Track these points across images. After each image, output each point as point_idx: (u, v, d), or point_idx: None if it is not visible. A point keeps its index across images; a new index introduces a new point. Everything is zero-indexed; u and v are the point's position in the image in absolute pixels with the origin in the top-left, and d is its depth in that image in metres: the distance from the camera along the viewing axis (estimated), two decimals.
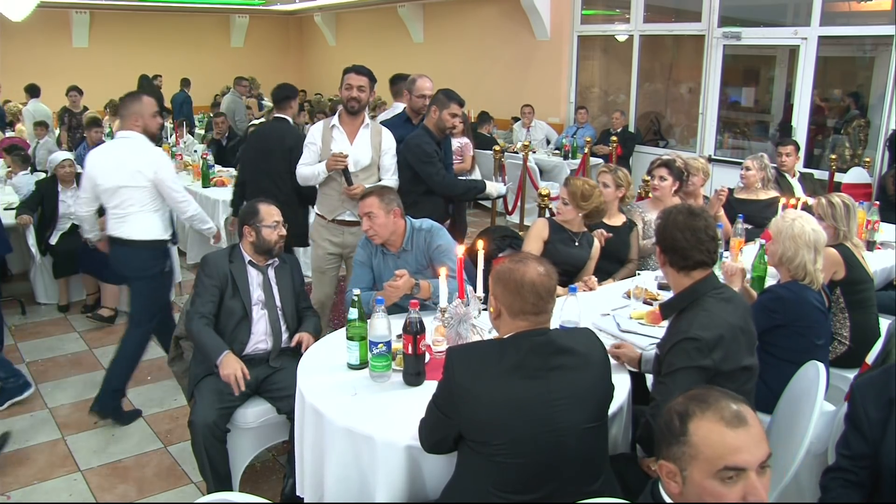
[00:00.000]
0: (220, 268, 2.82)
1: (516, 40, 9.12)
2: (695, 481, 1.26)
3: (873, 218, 4.06)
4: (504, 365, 1.74)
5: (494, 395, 1.71)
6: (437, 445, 1.86)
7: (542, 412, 1.71)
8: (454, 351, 1.84)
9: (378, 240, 2.89)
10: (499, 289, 1.83)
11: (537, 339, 1.77)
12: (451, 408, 1.76)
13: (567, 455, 1.73)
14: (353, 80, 3.52)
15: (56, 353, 4.33)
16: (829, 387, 2.16)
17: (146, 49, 12.41)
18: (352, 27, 12.87)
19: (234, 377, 2.58)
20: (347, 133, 3.58)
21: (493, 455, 1.71)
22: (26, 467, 3.13)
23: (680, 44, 8.30)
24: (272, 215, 2.85)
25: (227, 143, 7.24)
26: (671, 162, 3.80)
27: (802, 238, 2.56)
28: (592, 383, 1.80)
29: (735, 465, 1.23)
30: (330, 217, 3.64)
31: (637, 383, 2.44)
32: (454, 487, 1.84)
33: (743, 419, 1.25)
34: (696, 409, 1.28)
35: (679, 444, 1.27)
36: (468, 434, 1.74)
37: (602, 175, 3.64)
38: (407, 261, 2.93)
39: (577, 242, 3.36)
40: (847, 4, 6.81)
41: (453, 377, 1.75)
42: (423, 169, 3.64)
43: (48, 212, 4.88)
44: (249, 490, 2.91)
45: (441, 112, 3.69)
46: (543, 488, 1.73)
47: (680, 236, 2.10)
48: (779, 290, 2.59)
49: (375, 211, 2.83)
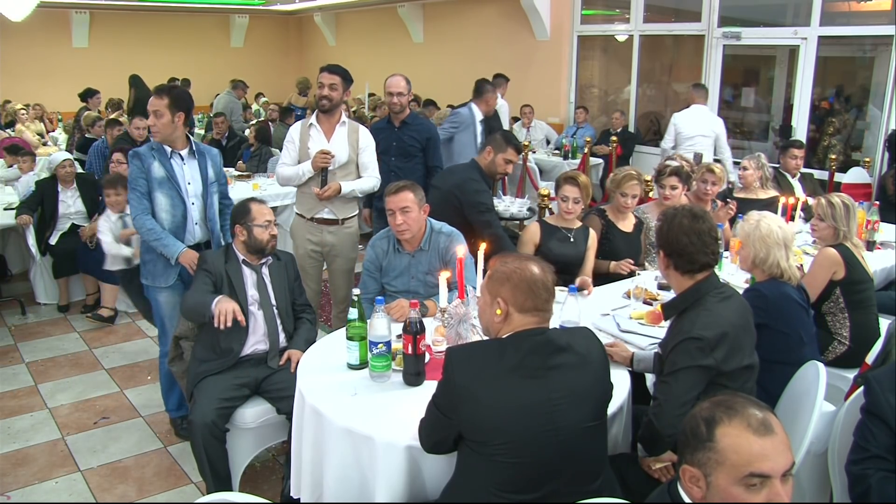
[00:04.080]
0: (216, 265, 2.82)
1: (516, 40, 9.11)
2: (719, 487, 1.28)
3: (873, 218, 4.06)
4: (504, 365, 1.73)
5: (495, 396, 1.70)
6: (437, 446, 1.85)
7: (542, 412, 1.71)
8: (454, 351, 1.83)
9: (408, 234, 2.85)
10: (506, 289, 1.78)
11: (537, 339, 1.76)
12: (451, 408, 1.75)
13: (567, 454, 1.73)
14: (325, 78, 3.50)
15: (56, 353, 4.33)
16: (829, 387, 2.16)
17: (146, 49, 12.40)
18: (352, 27, 12.86)
19: (232, 311, 2.61)
20: (324, 131, 3.57)
21: (494, 455, 1.70)
22: (26, 467, 3.13)
23: (680, 44, 8.30)
24: (264, 214, 2.83)
25: (226, 143, 7.24)
26: (680, 170, 3.78)
27: (771, 237, 2.55)
28: (592, 382, 1.80)
29: (761, 472, 1.24)
30: (309, 216, 3.62)
31: (637, 383, 2.44)
32: (454, 487, 1.84)
33: (769, 427, 1.27)
34: (723, 416, 1.29)
35: (705, 449, 1.29)
36: (468, 434, 1.74)
37: (633, 188, 3.53)
38: (420, 261, 2.92)
39: (572, 238, 3.36)
40: (847, 4, 6.81)
41: (453, 377, 1.74)
42: (479, 219, 3.51)
43: (48, 212, 4.87)
44: (249, 490, 2.91)
45: (496, 155, 3.60)
46: (543, 488, 1.72)
47: (686, 241, 2.10)
48: (760, 288, 2.57)
49: (411, 205, 2.79)
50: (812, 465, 2.18)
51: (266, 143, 7.24)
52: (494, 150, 3.60)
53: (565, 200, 3.34)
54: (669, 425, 1.95)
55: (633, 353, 2.44)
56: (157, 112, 3.08)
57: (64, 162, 4.95)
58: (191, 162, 3.20)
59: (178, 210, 3.16)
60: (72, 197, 4.96)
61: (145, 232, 3.11)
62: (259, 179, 6.19)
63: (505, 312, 1.79)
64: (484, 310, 1.86)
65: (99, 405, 3.69)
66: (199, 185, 3.21)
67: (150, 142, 3.22)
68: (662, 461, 2.06)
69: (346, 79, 3.55)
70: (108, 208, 4.20)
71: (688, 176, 3.83)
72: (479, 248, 2.59)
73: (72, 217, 4.94)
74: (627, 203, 3.57)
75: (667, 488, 1.42)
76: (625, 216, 3.62)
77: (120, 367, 4.12)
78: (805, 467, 2.12)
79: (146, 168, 3.11)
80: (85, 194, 4.99)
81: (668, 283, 2.28)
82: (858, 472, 1.82)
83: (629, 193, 3.54)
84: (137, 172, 3.12)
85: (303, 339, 2.87)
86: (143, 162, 3.11)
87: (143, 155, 3.12)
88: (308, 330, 2.94)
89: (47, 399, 3.75)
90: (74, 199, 4.97)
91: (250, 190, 5.65)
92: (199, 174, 3.21)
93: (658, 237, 2.22)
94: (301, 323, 2.95)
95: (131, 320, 4.84)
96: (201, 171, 3.22)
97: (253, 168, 6.72)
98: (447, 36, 10.42)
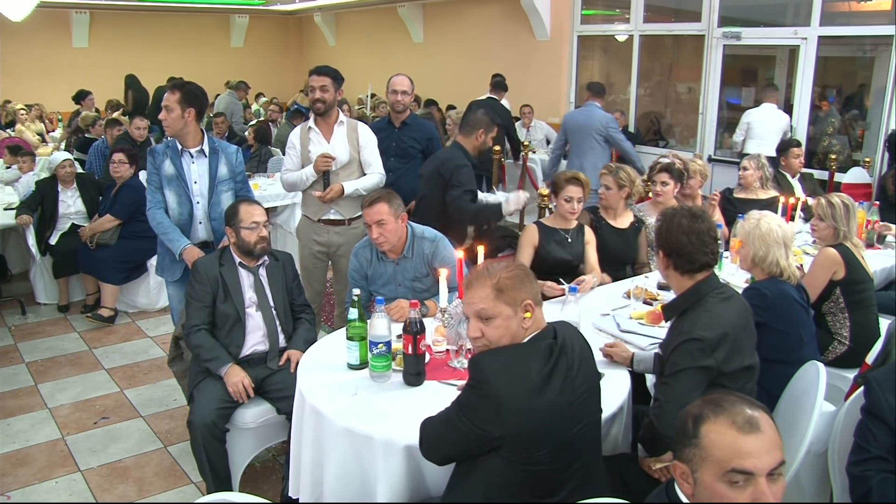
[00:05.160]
0: (209, 272, 2.79)
1: (516, 40, 9.11)
2: (705, 483, 1.29)
3: (873, 218, 4.06)
4: (547, 370, 1.67)
5: (541, 404, 1.62)
6: (450, 459, 1.78)
7: (574, 413, 1.69)
8: (486, 360, 1.69)
9: (387, 246, 2.82)
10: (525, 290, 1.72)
11: (557, 338, 1.74)
12: (492, 422, 1.63)
13: (586, 449, 1.74)
14: (315, 81, 3.51)
15: (56, 353, 4.33)
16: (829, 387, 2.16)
17: (146, 49, 12.40)
18: (352, 27, 12.87)
19: (241, 387, 2.62)
20: (323, 133, 3.56)
21: (530, 463, 1.64)
22: (26, 467, 3.13)
23: (680, 44, 8.30)
24: (251, 216, 2.78)
25: None
26: (671, 166, 3.79)
27: (770, 236, 2.56)
28: (594, 373, 1.82)
29: (743, 468, 1.24)
30: (315, 217, 3.61)
31: (637, 383, 2.44)
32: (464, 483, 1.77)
33: (755, 425, 1.27)
34: (709, 413, 1.31)
35: (691, 445, 1.31)
36: (511, 447, 1.64)
37: (602, 177, 3.61)
38: (405, 268, 2.90)
39: (569, 239, 3.34)
40: (847, 4, 6.80)
41: (496, 390, 1.62)
42: (451, 193, 3.58)
43: (48, 212, 4.87)
44: (249, 490, 2.91)
45: (486, 136, 3.74)
46: (568, 486, 1.71)
47: (685, 240, 2.10)
48: (760, 287, 2.57)
49: (386, 218, 2.75)
50: (812, 465, 2.18)
51: (265, 144, 7.24)
52: (486, 132, 3.72)
53: (569, 201, 3.28)
54: (670, 426, 1.95)
55: (634, 353, 2.44)
56: (168, 107, 3.13)
57: (64, 162, 4.95)
58: (200, 160, 3.24)
59: (184, 208, 3.24)
60: (72, 197, 4.96)
61: (155, 225, 3.23)
62: (259, 179, 6.19)
63: (533, 312, 1.74)
64: (506, 325, 1.72)
65: (99, 405, 3.69)
66: (206, 185, 3.24)
67: (167, 139, 3.30)
68: (663, 461, 2.06)
69: (336, 78, 3.54)
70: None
71: (680, 173, 3.83)
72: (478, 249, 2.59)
73: (72, 217, 4.94)
74: (600, 193, 3.61)
75: (665, 488, 1.43)
76: (617, 212, 3.61)
77: (120, 367, 4.12)
78: (805, 467, 2.12)
79: (158, 165, 3.21)
80: (85, 194, 4.99)
81: (668, 283, 2.28)
82: (859, 474, 1.82)
83: (602, 184, 3.58)
84: (151, 168, 3.23)
85: (302, 339, 2.86)
86: (156, 159, 3.22)
87: (157, 152, 3.24)
88: (307, 330, 2.92)
89: (47, 399, 3.75)
90: (74, 199, 4.97)
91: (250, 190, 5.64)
92: (208, 172, 3.24)
93: (657, 237, 2.22)
94: (300, 323, 2.94)
95: (131, 320, 4.84)
96: (210, 169, 3.24)
97: (253, 168, 6.72)
98: (447, 36, 10.42)
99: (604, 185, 3.56)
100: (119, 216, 4.70)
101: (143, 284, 4.92)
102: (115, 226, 4.73)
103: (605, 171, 3.64)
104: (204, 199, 3.25)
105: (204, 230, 3.27)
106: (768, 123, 6.32)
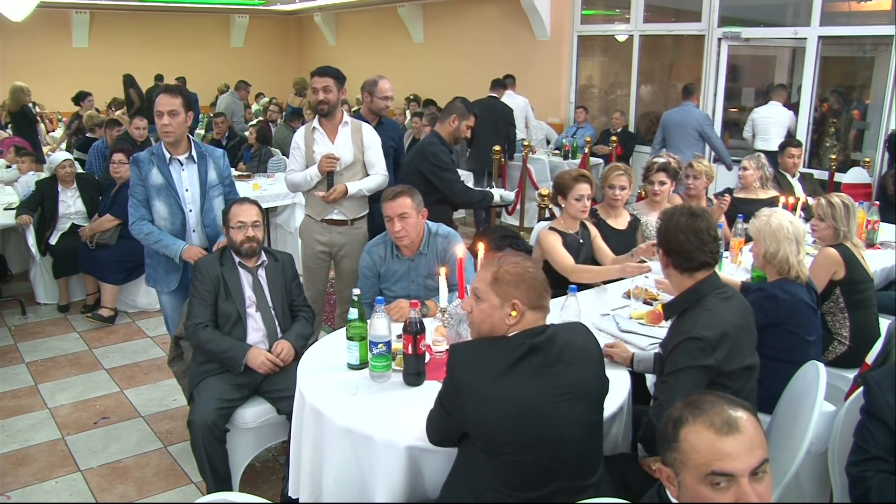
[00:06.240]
0: (210, 271, 2.79)
1: (516, 40, 9.11)
2: (688, 486, 1.29)
3: (873, 218, 4.06)
4: (509, 363, 1.72)
5: (501, 394, 1.70)
6: (443, 441, 1.87)
7: (548, 409, 1.70)
8: (457, 349, 1.82)
9: (407, 241, 2.82)
10: (521, 290, 1.76)
11: (540, 337, 1.76)
12: (455, 407, 1.75)
13: (570, 450, 1.73)
14: (318, 82, 3.49)
15: (56, 353, 4.33)
16: (829, 387, 2.16)
17: (146, 49, 12.41)
18: (352, 27, 12.87)
19: (269, 364, 2.67)
20: (328, 133, 3.55)
21: (500, 454, 1.70)
22: (26, 467, 3.13)
23: (680, 44, 8.30)
24: (237, 216, 2.77)
25: (227, 143, 7.24)
26: (667, 165, 3.79)
27: (782, 232, 2.57)
28: (592, 377, 1.81)
29: (722, 471, 1.24)
30: (319, 217, 3.61)
31: (637, 383, 2.44)
32: (455, 483, 1.83)
33: (734, 426, 1.26)
34: (688, 416, 1.30)
35: (672, 450, 1.31)
36: (474, 433, 1.74)
37: (619, 178, 3.53)
38: (420, 265, 2.90)
39: (581, 240, 3.33)
40: (847, 4, 6.80)
41: (457, 376, 1.74)
42: (443, 177, 3.62)
43: (48, 212, 4.87)
44: (249, 490, 2.91)
45: (460, 122, 3.74)
46: (548, 485, 1.72)
47: (683, 238, 2.10)
48: (771, 288, 2.58)
49: (409, 211, 2.75)
50: (812, 465, 2.18)
51: (266, 144, 7.24)
52: (459, 118, 3.74)
53: (580, 199, 3.21)
54: None
55: (634, 353, 2.44)
56: (174, 111, 3.00)
57: (64, 162, 4.95)
58: (189, 167, 3.14)
59: (176, 218, 3.12)
60: (72, 197, 4.97)
61: (143, 237, 3.10)
62: (259, 179, 6.19)
63: (521, 313, 1.77)
64: (490, 312, 1.79)
65: (99, 405, 3.69)
66: (197, 192, 3.16)
67: (152, 146, 3.16)
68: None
69: (339, 78, 3.53)
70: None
71: (675, 172, 3.83)
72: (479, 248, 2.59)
73: (72, 217, 4.94)
74: (616, 195, 3.54)
75: (657, 488, 1.44)
76: (617, 213, 3.59)
77: (120, 367, 4.12)
78: (805, 467, 2.11)
79: (144, 176, 3.07)
80: (85, 194, 4.99)
81: (669, 282, 2.28)
82: (858, 474, 1.82)
83: (616, 185, 3.53)
84: (136, 179, 3.08)
85: (295, 332, 2.85)
86: (141, 169, 3.07)
87: (142, 161, 3.07)
88: (302, 325, 2.91)
89: (47, 399, 3.75)
90: (74, 199, 4.97)
91: (250, 190, 5.63)
92: (198, 179, 3.15)
93: (657, 236, 2.22)
94: (297, 320, 2.93)
95: (131, 320, 4.84)
96: (200, 175, 3.15)
97: (253, 168, 6.72)
98: (447, 36, 10.42)
99: (618, 186, 3.54)
100: (119, 216, 4.69)
101: (143, 284, 4.88)
102: (115, 226, 4.73)
103: (621, 171, 3.57)
104: (196, 207, 3.16)
105: (198, 237, 3.19)
106: (773, 120, 6.47)
